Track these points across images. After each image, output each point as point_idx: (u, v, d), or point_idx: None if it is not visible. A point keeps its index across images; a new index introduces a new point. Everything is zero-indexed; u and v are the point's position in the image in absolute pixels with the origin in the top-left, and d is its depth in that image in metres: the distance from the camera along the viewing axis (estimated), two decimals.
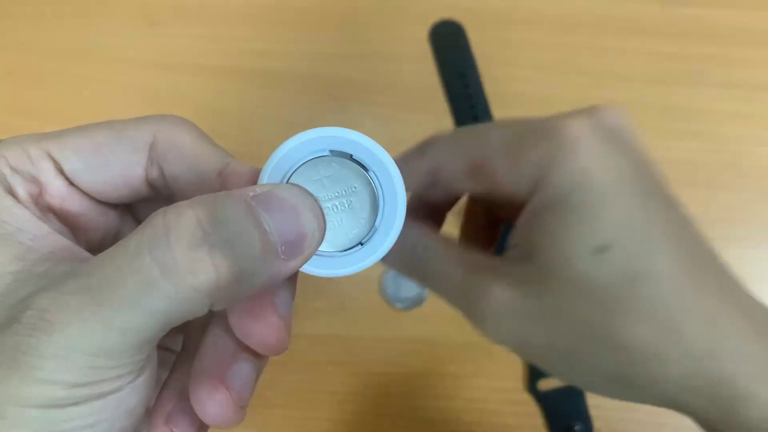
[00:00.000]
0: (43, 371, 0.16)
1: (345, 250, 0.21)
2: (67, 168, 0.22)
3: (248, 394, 0.22)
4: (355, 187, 0.21)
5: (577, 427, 0.39)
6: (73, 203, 0.22)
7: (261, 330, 0.21)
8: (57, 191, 0.22)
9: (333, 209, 0.21)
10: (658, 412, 0.39)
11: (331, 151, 0.21)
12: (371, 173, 0.21)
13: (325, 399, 0.41)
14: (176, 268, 0.17)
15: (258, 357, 0.22)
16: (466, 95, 0.46)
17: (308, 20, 0.48)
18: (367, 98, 0.46)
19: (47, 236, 0.21)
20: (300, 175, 0.21)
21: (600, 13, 0.48)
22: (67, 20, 0.49)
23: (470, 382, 0.41)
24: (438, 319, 0.42)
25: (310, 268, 0.21)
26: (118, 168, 0.22)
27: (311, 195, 0.19)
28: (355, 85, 0.47)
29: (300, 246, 0.19)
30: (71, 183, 0.22)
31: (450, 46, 0.47)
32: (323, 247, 0.21)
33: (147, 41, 0.48)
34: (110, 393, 0.18)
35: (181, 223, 0.17)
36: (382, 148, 0.20)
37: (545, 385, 0.40)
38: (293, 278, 0.22)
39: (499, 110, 0.45)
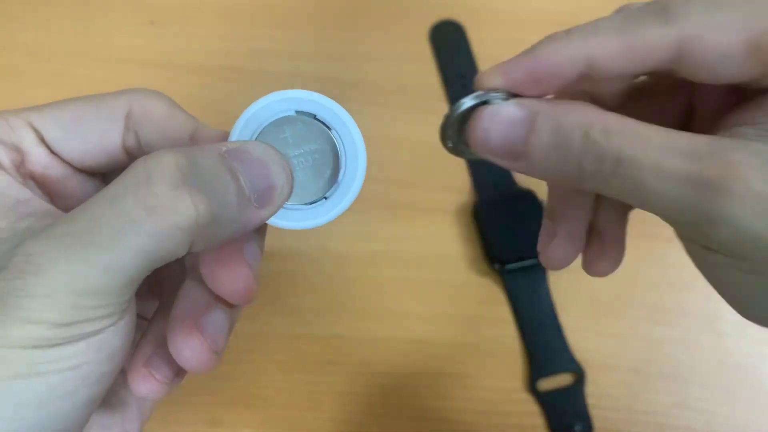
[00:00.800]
0: (29, 311, 0.17)
1: (310, 203, 0.23)
2: (48, 137, 0.23)
3: (222, 340, 0.23)
4: (318, 145, 0.23)
5: (577, 427, 0.39)
6: (54, 171, 0.23)
7: (230, 278, 0.22)
8: (38, 159, 0.23)
9: (298, 166, 0.23)
10: (659, 412, 0.40)
11: (296, 111, 0.23)
12: (333, 132, 0.22)
13: (325, 399, 0.41)
14: (158, 206, 0.18)
15: (230, 306, 0.24)
16: (466, 95, 0.46)
17: (308, 20, 0.48)
18: (367, 98, 0.46)
19: (30, 200, 0.22)
20: (267, 134, 0.22)
21: (600, 14, 0.48)
22: (67, 20, 0.48)
23: (470, 382, 0.41)
24: (438, 319, 0.42)
25: (277, 221, 0.22)
26: (97, 136, 0.23)
27: (278, 151, 0.21)
28: (355, 85, 0.47)
29: (271, 196, 0.20)
30: (52, 152, 0.23)
31: (450, 46, 0.47)
32: (290, 201, 0.22)
33: (147, 41, 0.48)
34: (93, 334, 0.18)
35: (161, 166, 0.18)
36: (343, 109, 0.22)
37: (545, 385, 0.40)
38: (262, 231, 0.24)
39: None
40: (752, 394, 0.40)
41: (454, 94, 0.46)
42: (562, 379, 0.41)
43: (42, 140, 0.23)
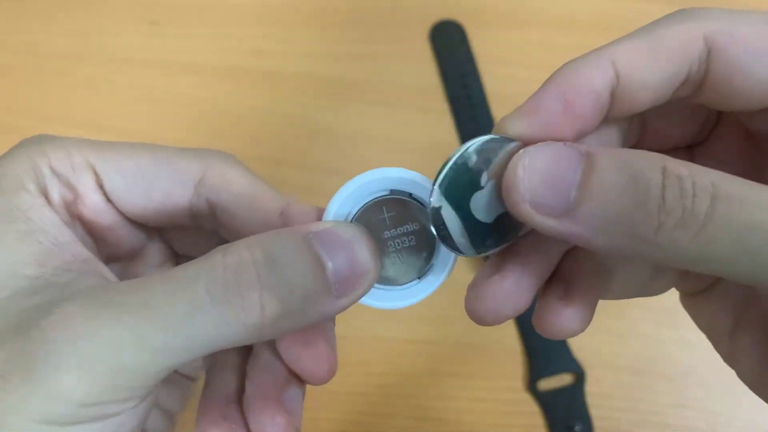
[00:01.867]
0: (57, 385, 0.16)
1: (402, 284, 0.22)
2: (108, 185, 0.22)
3: (300, 418, 0.22)
4: (414, 226, 0.21)
5: (577, 427, 0.39)
6: (106, 219, 0.22)
7: (313, 360, 0.21)
8: (92, 204, 0.22)
9: (395, 246, 0.21)
10: (660, 412, 0.40)
11: (391, 190, 0.21)
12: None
13: (325, 399, 0.40)
14: (227, 302, 0.17)
15: (302, 383, 0.22)
16: (466, 95, 0.46)
17: (308, 20, 0.48)
18: (367, 98, 0.46)
19: (70, 244, 0.20)
20: (364, 214, 0.21)
21: (600, 13, 0.48)
22: (67, 20, 0.48)
23: (470, 382, 0.41)
24: (438, 319, 0.42)
25: (368, 300, 0.21)
26: (161, 196, 0.22)
27: (369, 235, 0.19)
28: (355, 85, 0.47)
29: (355, 284, 0.19)
30: (108, 200, 0.22)
31: (450, 46, 0.47)
32: (383, 283, 0.21)
33: (147, 41, 0.48)
34: (112, 416, 0.17)
35: (238, 263, 0.17)
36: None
37: (545, 385, 0.40)
38: None
39: (499, 110, 0.45)
40: (752, 394, 0.40)
41: (454, 94, 0.46)
42: (562, 379, 0.41)
43: (100, 186, 0.22)
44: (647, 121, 0.21)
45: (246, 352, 0.23)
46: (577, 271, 0.20)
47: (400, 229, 0.21)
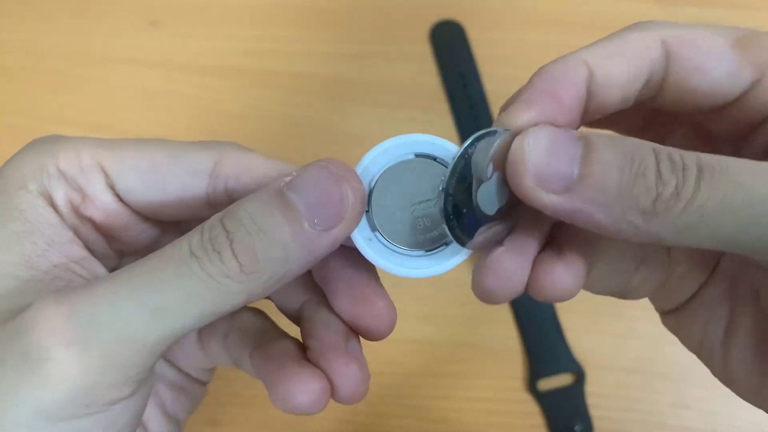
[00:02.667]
0: (50, 368, 0.16)
1: (429, 250, 0.21)
2: (119, 186, 0.22)
3: (367, 366, 0.22)
4: (440, 189, 0.20)
5: (577, 427, 0.39)
6: (117, 219, 0.22)
7: (373, 314, 0.22)
8: (102, 206, 0.22)
9: (418, 210, 0.21)
10: (659, 412, 0.40)
11: (416, 154, 0.21)
12: None
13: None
14: (207, 259, 0.17)
15: (358, 338, 0.23)
16: (466, 95, 0.46)
17: (308, 20, 0.48)
18: (367, 98, 0.46)
19: (65, 245, 0.20)
20: (386, 177, 0.21)
21: (600, 13, 0.48)
22: (67, 20, 0.49)
23: (470, 382, 0.41)
24: (438, 319, 0.42)
25: (397, 268, 0.21)
26: (177, 190, 0.22)
27: (341, 164, 0.20)
28: (355, 85, 0.47)
29: (336, 212, 0.19)
30: (120, 199, 0.22)
31: (450, 46, 0.47)
32: (410, 246, 0.21)
33: (147, 41, 0.48)
34: (106, 406, 0.17)
35: (212, 222, 0.18)
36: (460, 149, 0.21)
37: (545, 385, 0.40)
38: (371, 267, 0.22)
39: (499, 110, 0.45)
40: None
41: (454, 94, 0.46)
42: (562, 379, 0.41)
43: (111, 187, 0.22)
44: (598, 125, 0.23)
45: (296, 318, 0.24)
46: (567, 235, 0.20)
47: (424, 192, 0.21)
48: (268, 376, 0.22)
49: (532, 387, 0.40)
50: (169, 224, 0.24)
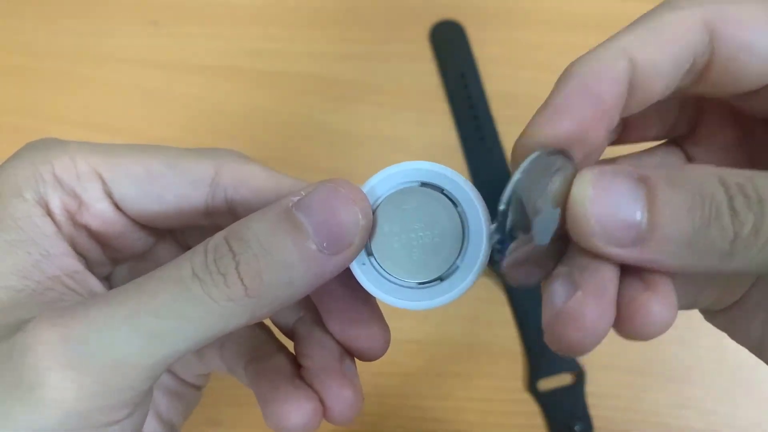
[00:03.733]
0: (46, 391, 0.16)
1: (423, 283, 0.21)
2: (117, 193, 0.21)
3: (361, 388, 0.22)
4: (441, 222, 0.20)
5: (577, 427, 0.39)
6: (113, 226, 0.22)
7: (367, 336, 0.22)
8: (98, 213, 0.21)
9: (417, 240, 0.21)
10: (659, 412, 0.40)
11: (422, 183, 0.21)
12: (460, 209, 0.20)
13: None
14: (211, 281, 0.17)
15: (352, 358, 0.23)
16: (466, 95, 0.46)
17: (308, 20, 0.48)
18: (367, 98, 0.46)
19: (59, 257, 0.20)
20: (388, 203, 0.21)
21: (600, 13, 0.48)
22: (68, 20, 0.48)
23: (470, 382, 0.41)
24: (438, 319, 0.42)
25: (387, 297, 0.20)
26: (174, 199, 0.21)
27: (352, 187, 0.19)
28: (355, 85, 0.47)
29: (344, 236, 0.18)
30: (117, 207, 0.22)
31: (450, 46, 0.47)
32: (402, 277, 0.21)
33: (147, 41, 0.48)
34: (103, 428, 0.17)
35: (216, 242, 0.18)
36: (471, 185, 0.20)
37: (545, 385, 0.40)
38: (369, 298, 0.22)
39: (499, 110, 0.45)
40: (752, 394, 0.40)
41: (454, 94, 0.46)
42: (562, 379, 0.41)
43: (108, 194, 0.21)
44: (628, 118, 0.21)
45: (292, 336, 0.24)
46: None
47: (426, 223, 0.20)
48: (261, 392, 0.21)
49: (532, 387, 0.40)
50: (165, 231, 0.24)
